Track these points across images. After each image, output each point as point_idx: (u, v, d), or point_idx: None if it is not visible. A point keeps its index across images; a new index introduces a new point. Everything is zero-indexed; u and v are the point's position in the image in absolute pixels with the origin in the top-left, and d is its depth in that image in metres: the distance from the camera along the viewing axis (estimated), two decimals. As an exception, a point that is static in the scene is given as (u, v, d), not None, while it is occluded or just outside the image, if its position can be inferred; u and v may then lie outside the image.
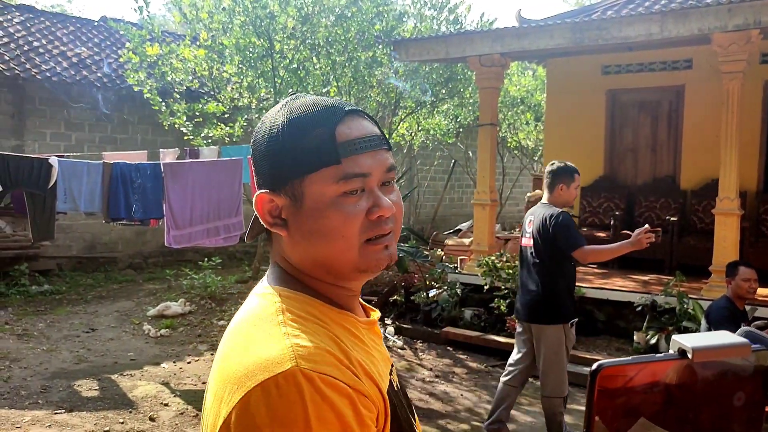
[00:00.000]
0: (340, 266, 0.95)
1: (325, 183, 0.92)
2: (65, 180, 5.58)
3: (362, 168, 0.93)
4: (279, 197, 0.96)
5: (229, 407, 0.83)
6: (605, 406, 0.75)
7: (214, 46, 8.80)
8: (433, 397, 5.68)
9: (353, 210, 0.93)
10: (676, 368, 0.78)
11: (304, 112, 0.95)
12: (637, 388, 0.76)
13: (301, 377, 0.81)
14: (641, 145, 8.95)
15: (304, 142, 0.93)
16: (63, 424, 4.86)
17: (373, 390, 0.89)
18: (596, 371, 0.75)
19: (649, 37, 6.39)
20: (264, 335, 0.88)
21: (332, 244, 0.93)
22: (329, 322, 0.94)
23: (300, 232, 0.95)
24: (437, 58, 8.26)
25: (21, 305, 8.61)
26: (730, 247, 6.40)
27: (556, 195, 4.31)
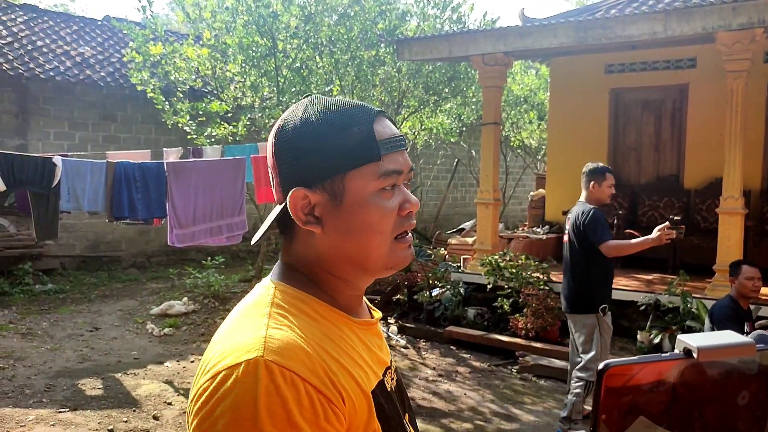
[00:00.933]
0: (373, 262, 0.98)
1: (367, 179, 0.95)
2: (69, 179, 5.59)
3: (397, 165, 0.97)
4: (314, 194, 0.96)
5: (197, 386, 0.87)
6: (612, 405, 0.75)
7: (217, 46, 8.80)
8: (436, 396, 5.68)
9: (389, 205, 0.97)
10: (681, 367, 0.79)
11: (339, 109, 0.97)
12: (642, 387, 0.77)
13: (262, 368, 0.83)
14: (645, 144, 8.94)
15: (345, 139, 0.95)
16: (67, 423, 4.87)
17: (353, 388, 0.90)
18: (603, 370, 0.75)
19: (652, 35, 6.38)
20: (248, 324, 0.91)
21: (370, 239, 0.96)
22: (320, 320, 0.95)
23: (336, 228, 0.97)
24: (440, 57, 8.26)
25: (25, 304, 8.63)
26: (734, 246, 6.38)
27: (589, 193, 4.65)
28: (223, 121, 8.59)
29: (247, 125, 8.39)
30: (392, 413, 0.97)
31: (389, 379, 1.03)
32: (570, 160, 9.33)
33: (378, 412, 0.93)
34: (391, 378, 1.04)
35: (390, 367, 1.06)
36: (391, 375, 1.05)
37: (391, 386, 1.03)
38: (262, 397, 0.81)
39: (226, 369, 0.84)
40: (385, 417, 0.95)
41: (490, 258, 7.40)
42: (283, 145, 0.98)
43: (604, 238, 4.41)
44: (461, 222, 13.80)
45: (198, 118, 8.79)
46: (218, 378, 0.84)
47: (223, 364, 0.85)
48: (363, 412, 0.90)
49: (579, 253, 4.60)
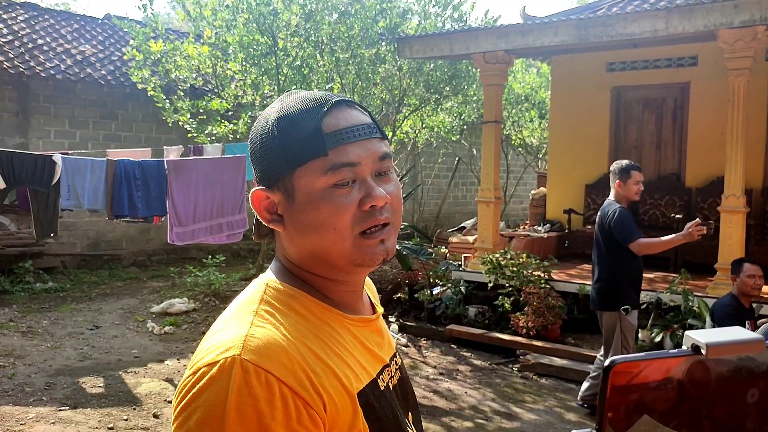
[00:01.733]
0: (334, 259, 0.95)
1: (314, 175, 0.92)
2: (69, 177, 5.59)
3: (350, 158, 0.92)
4: (273, 193, 0.97)
5: (182, 381, 0.87)
6: (618, 403, 0.74)
7: (217, 44, 8.79)
8: (437, 394, 5.67)
9: (343, 201, 0.92)
10: (689, 364, 0.77)
11: (293, 107, 0.96)
12: (649, 384, 0.75)
13: (237, 367, 0.82)
14: (646, 142, 8.92)
15: (292, 136, 0.94)
16: (67, 421, 4.86)
17: (336, 389, 0.88)
18: (609, 367, 0.74)
19: (654, 33, 6.36)
20: (235, 321, 0.91)
21: (324, 237, 0.93)
22: (310, 318, 0.94)
23: (294, 226, 0.96)
24: (441, 55, 8.24)
25: (25, 302, 8.63)
26: (736, 244, 6.37)
27: (615, 191, 4.69)
28: (223, 119, 8.59)
29: (247, 123, 8.38)
30: (385, 412, 0.95)
31: (386, 377, 1.01)
32: (571, 158, 9.32)
33: (366, 413, 0.91)
34: (389, 376, 1.02)
35: (389, 365, 1.03)
36: (390, 373, 1.03)
37: (388, 384, 1.01)
38: (233, 396, 0.80)
39: (205, 366, 0.84)
40: (375, 417, 0.93)
41: (491, 256, 7.39)
42: (251, 145, 1.01)
43: (633, 237, 4.46)
44: (462, 221, 13.79)
45: (198, 117, 8.78)
46: (197, 374, 0.84)
47: (204, 361, 0.85)
48: (346, 413, 0.89)
49: (604, 251, 4.68)
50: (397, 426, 0.97)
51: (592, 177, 9.11)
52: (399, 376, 1.06)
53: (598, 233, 4.73)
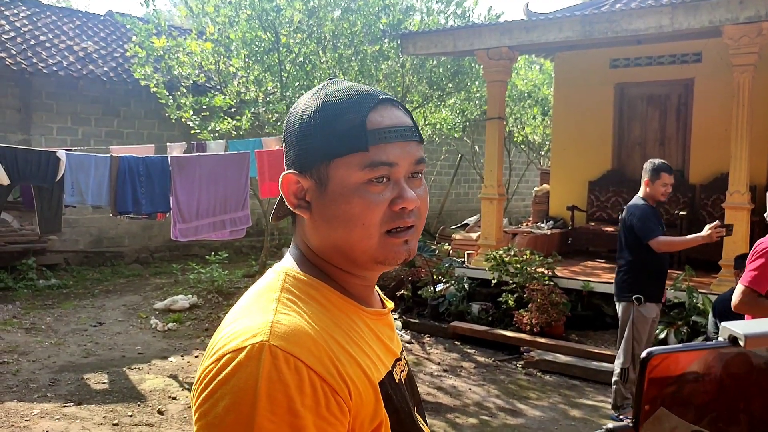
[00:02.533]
0: (358, 254, 0.95)
1: (351, 169, 0.92)
2: (73, 173, 5.58)
3: (389, 157, 0.93)
4: (305, 179, 0.96)
5: (202, 368, 0.87)
6: (655, 395, 0.73)
7: (220, 40, 8.78)
8: (441, 391, 5.66)
9: (376, 199, 0.92)
10: (727, 356, 0.76)
11: (338, 97, 0.95)
12: (687, 376, 0.74)
13: (266, 353, 0.82)
14: (649, 139, 8.90)
15: (335, 127, 0.93)
16: (72, 417, 4.86)
17: (360, 378, 0.88)
18: (646, 359, 0.72)
19: (659, 29, 6.34)
20: (256, 308, 0.91)
21: (352, 231, 0.93)
22: (330, 308, 0.94)
23: (322, 215, 0.95)
24: (445, 52, 8.22)
25: (29, 299, 8.63)
26: (740, 241, 6.35)
27: (644, 189, 4.75)
28: (226, 115, 8.57)
29: (250, 120, 8.37)
30: (401, 404, 0.96)
31: (398, 371, 1.02)
32: (574, 155, 9.31)
33: (386, 403, 0.92)
34: (400, 369, 1.03)
35: (400, 358, 1.04)
36: (401, 367, 1.03)
37: (401, 378, 1.01)
38: (263, 382, 0.80)
39: (230, 352, 0.83)
40: (393, 408, 0.94)
41: (495, 253, 7.38)
42: (287, 128, 0.99)
43: (653, 234, 4.53)
44: (464, 218, 13.79)
45: (201, 113, 8.77)
46: (222, 360, 0.83)
47: (228, 348, 0.84)
48: (370, 402, 0.89)
49: (624, 246, 4.77)
50: (411, 418, 0.98)
51: (595, 174, 9.10)
52: (407, 371, 1.07)
53: (621, 227, 4.83)
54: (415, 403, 1.05)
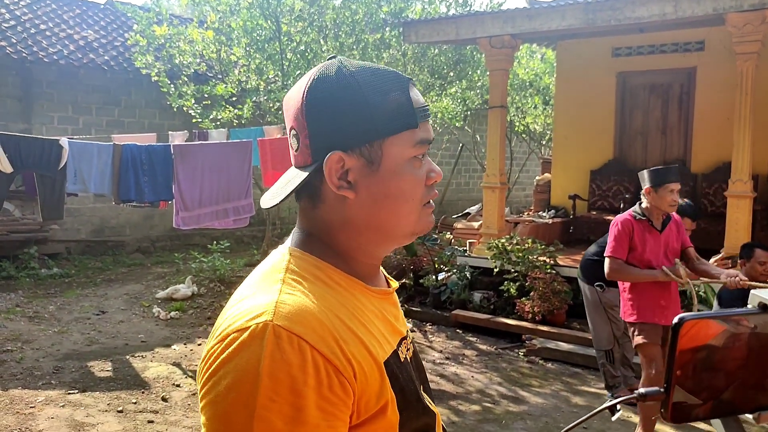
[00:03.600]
0: (401, 228, 0.98)
1: (404, 146, 0.94)
2: (75, 161, 5.58)
3: (429, 134, 0.97)
4: (350, 158, 0.94)
5: (208, 347, 0.87)
6: (686, 361, 0.74)
7: (221, 29, 8.76)
8: (443, 378, 5.68)
9: (420, 174, 0.96)
10: (757, 322, 0.77)
11: (376, 72, 0.95)
12: (717, 342, 0.75)
13: (269, 332, 0.82)
14: (651, 128, 8.89)
15: (384, 104, 0.93)
16: (76, 404, 4.89)
17: (365, 358, 0.88)
18: (678, 325, 0.74)
19: (662, 17, 6.32)
20: (261, 288, 0.91)
21: (402, 206, 0.96)
22: (336, 287, 0.94)
23: (371, 194, 0.95)
24: (447, 40, 8.19)
25: (31, 288, 8.65)
26: (742, 230, 6.36)
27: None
28: (228, 104, 8.56)
29: (252, 109, 8.36)
30: (407, 383, 0.96)
31: (404, 349, 1.02)
32: (576, 144, 9.30)
33: (392, 382, 0.92)
34: (406, 348, 1.03)
35: (405, 337, 1.04)
36: (407, 345, 1.04)
37: (406, 356, 1.01)
38: (266, 361, 0.80)
39: (235, 332, 0.84)
40: (399, 386, 0.94)
41: (497, 242, 7.38)
42: (319, 103, 0.94)
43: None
44: (465, 207, 13.78)
45: (203, 102, 8.76)
46: (227, 340, 0.84)
47: (233, 327, 0.85)
48: (375, 381, 0.89)
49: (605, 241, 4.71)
50: (416, 396, 0.98)
51: (597, 163, 9.09)
52: (413, 349, 1.07)
53: None
54: (422, 381, 1.05)
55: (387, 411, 0.90)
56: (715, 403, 0.75)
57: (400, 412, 0.92)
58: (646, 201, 4.21)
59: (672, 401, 0.74)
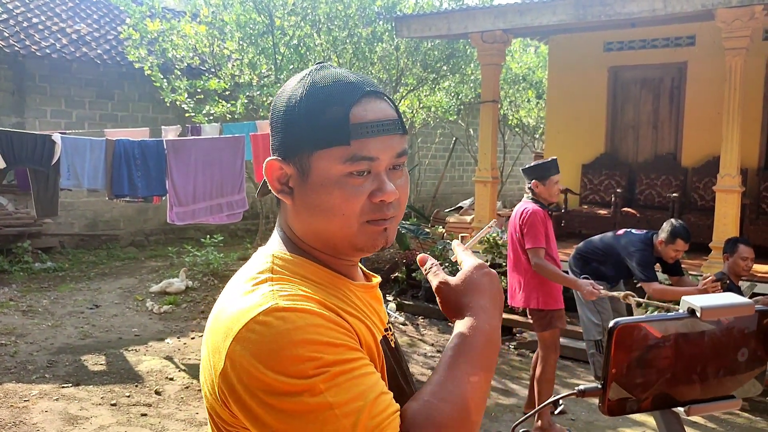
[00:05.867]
0: (338, 241, 0.98)
1: (332, 161, 0.94)
2: (68, 157, 5.60)
3: (370, 152, 0.94)
4: (288, 166, 0.98)
5: (222, 355, 0.87)
6: (621, 359, 0.81)
7: (214, 23, 8.75)
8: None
9: (356, 191, 0.95)
10: (685, 326, 0.84)
11: (324, 86, 0.96)
12: (650, 343, 0.82)
13: (281, 309, 0.86)
14: (643, 122, 8.95)
15: (319, 119, 0.95)
16: (70, 398, 4.93)
17: (364, 333, 0.94)
18: (613, 328, 0.81)
19: (652, 13, 6.36)
20: (250, 287, 0.93)
21: (331, 221, 0.96)
22: (321, 282, 0.98)
23: (303, 203, 0.98)
24: (439, 35, 8.22)
25: (24, 282, 8.67)
26: (731, 224, 6.42)
27: (656, 246, 4.76)
28: (221, 99, 8.57)
29: (245, 103, 8.37)
30: (395, 366, 1.02)
31: (391, 337, 1.07)
32: (568, 138, 9.35)
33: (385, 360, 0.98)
34: (392, 336, 1.09)
35: (388, 329, 1.09)
36: (390, 337, 1.08)
37: (393, 342, 1.07)
38: (293, 331, 0.84)
39: (245, 326, 0.86)
40: (390, 367, 0.99)
41: (488, 236, 7.44)
42: (273, 113, 1.01)
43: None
44: (459, 201, 13.83)
45: (196, 96, 8.77)
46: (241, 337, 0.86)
47: (242, 323, 0.87)
48: (373, 355, 0.94)
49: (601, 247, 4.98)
50: (405, 380, 1.04)
51: (589, 157, 9.15)
52: (395, 341, 1.11)
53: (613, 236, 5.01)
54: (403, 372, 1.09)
55: None
56: (647, 398, 0.83)
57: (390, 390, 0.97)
58: (534, 193, 4.62)
59: (608, 396, 0.81)
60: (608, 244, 4.92)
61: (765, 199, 7.83)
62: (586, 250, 5.06)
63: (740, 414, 4.95)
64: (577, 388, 0.86)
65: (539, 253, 4.27)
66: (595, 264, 4.85)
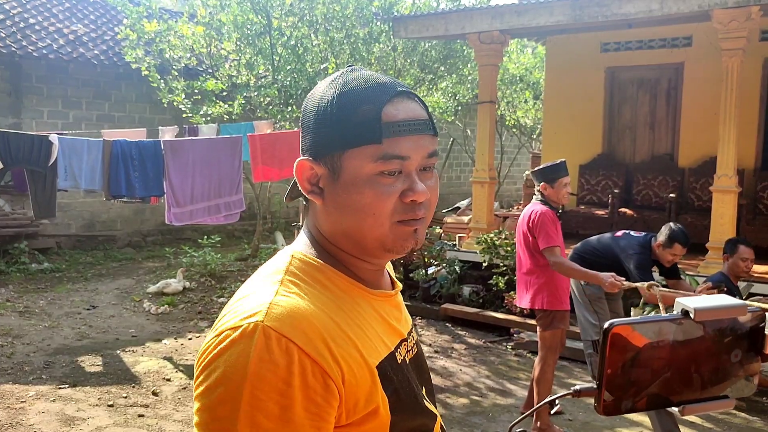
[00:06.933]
0: (369, 241, 0.98)
1: (364, 160, 0.94)
2: (66, 157, 5.59)
3: (402, 151, 0.94)
4: (319, 166, 0.98)
5: (206, 341, 0.91)
6: (616, 360, 0.81)
7: (212, 23, 8.75)
8: (432, 372, 5.74)
9: (387, 190, 0.95)
10: (679, 327, 0.84)
11: (356, 87, 0.97)
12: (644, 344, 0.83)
13: (259, 333, 0.85)
14: (640, 122, 8.96)
15: (350, 118, 0.95)
16: (67, 399, 4.92)
17: (356, 361, 0.91)
18: (608, 329, 0.81)
19: (649, 13, 6.37)
20: (259, 289, 0.94)
21: (363, 220, 0.96)
22: (334, 290, 0.97)
23: (334, 203, 0.98)
24: (436, 35, 8.22)
25: (21, 283, 8.66)
26: (728, 224, 6.44)
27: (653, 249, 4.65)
28: (218, 99, 8.57)
29: (242, 104, 8.37)
30: (402, 385, 0.98)
31: (403, 351, 1.04)
32: (565, 138, 9.36)
33: (385, 384, 0.94)
34: (406, 350, 1.05)
35: (406, 339, 1.06)
36: (407, 347, 1.06)
37: (405, 358, 1.04)
38: (253, 360, 0.83)
39: (228, 329, 0.88)
40: (393, 388, 0.96)
41: (486, 236, 7.45)
42: (303, 114, 1.01)
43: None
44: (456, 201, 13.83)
45: (193, 97, 8.76)
46: (221, 336, 0.88)
47: (227, 325, 0.89)
48: (365, 384, 0.91)
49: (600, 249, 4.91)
50: (413, 398, 1.00)
51: (586, 157, 9.16)
52: (415, 351, 1.09)
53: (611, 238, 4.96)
54: (423, 382, 1.07)
55: (379, 413, 0.93)
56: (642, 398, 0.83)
57: (393, 413, 0.94)
58: (543, 196, 4.57)
59: (604, 396, 0.82)
60: (606, 246, 4.92)
61: (762, 200, 7.84)
62: (583, 250, 5.07)
63: (737, 414, 4.96)
64: (573, 388, 0.87)
65: (555, 251, 4.25)
66: (592, 265, 4.85)
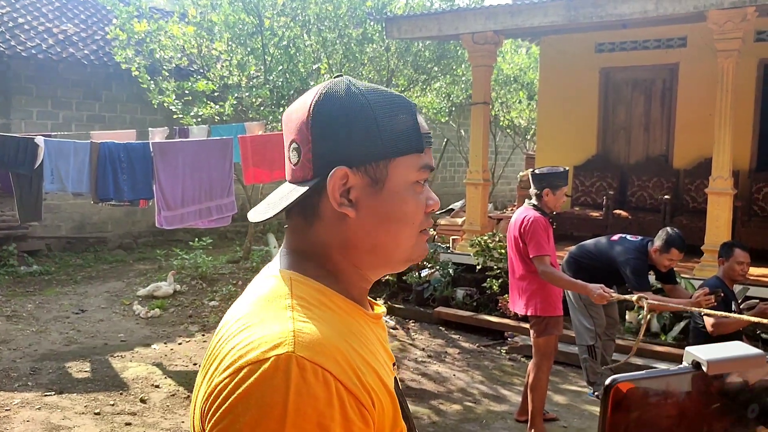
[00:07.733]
0: (399, 252, 0.97)
1: (410, 168, 0.94)
2: (52, 160, 5.48)
3: (431, 161, 0.97)
4: (355, 175, 0.92)
5: (215, 383, 0.81)
6: (618, 421, 0.73)
7: (203, 23, 8.65)
8: (425, 377, 5.67)
9: (421, 199, 0.96)
10: (690, 381, 0.76)
11: (384, 95, 0.95)
12: (650, 401, 0.74)
13: (293, 364, 0.78)
14: (634, 123, 8.91)
15: (395, 126, 0.93)
16: (53, 406, 4.82)
17: (379, 387, 0.86)
18: (609, 386, 0.72)
19: (644, 14, 6.31)
20: (269, 316, 0.85)
21: (402, 230, 0.95)
22: (341, 313, 0.91)
23: (373, 214, 0.93)
24: (430, 36, 8.15)
25: (9, 286, 8.54)
26: (723, 226, 6.39)
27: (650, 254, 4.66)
28: (209, 100, 8.47)
29: (233, 105, 8.27)
30: (403, 407, 0.96)
31: (396, 374, 1.02)
32: (560, 139, 9.30)
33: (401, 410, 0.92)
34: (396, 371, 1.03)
35: (395, 363, 1.03)
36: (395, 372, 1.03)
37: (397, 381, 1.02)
38: (292, 396, 0.76)
39: (250, 364, 0.79)
40: (404, 415, 0.94)
41: (480, 238, 7.38)
42: (325, 118, 0.92)
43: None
44: (450, 202, 13.77)
45: (184, 98, 8.66)
46: (242, 373, 0.78)
47: (247, 359, 0.79)
48: (389, 410, 0.87)
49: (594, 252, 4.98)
50: (407, 417, 0.98)
51: (580, 158, 9.10)
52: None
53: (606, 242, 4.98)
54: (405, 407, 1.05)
55: None
56: None
57: None
58: (539, 201, 4.45)
59: None
60: (602, 250, 4.86)
61: (757, 202, 7.80)
62: (579, 254, 5.01)
63: None
64: None
65: (545, 260, 4.16)
66: (588, 269, 4.79)
